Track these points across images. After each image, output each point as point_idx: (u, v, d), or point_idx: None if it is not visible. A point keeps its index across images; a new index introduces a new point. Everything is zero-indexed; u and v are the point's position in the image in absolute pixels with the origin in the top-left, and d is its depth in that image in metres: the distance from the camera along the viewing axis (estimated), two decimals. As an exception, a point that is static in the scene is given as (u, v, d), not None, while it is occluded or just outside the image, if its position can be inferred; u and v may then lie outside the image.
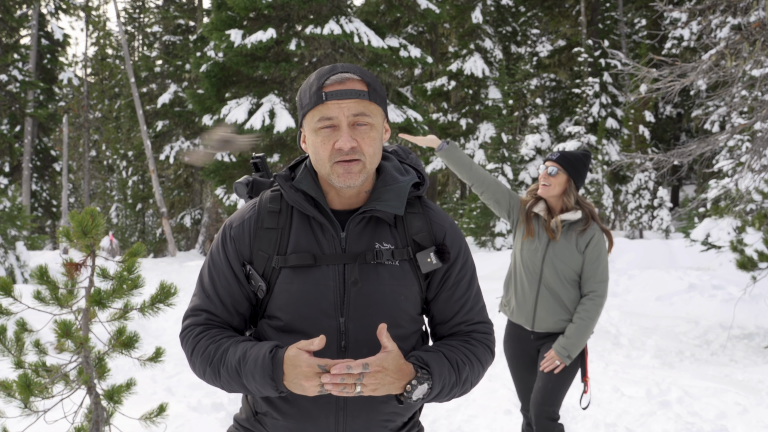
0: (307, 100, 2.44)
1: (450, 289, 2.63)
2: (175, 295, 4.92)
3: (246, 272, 2.55)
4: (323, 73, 2.44)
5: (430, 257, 2.55)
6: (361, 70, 2.47)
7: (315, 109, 2.42)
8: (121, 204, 56.86)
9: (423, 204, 2.68)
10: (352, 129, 2.40)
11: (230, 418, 7.36)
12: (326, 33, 25.87)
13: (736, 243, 11.95)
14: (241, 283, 2.56)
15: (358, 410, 2.50)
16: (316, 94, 2.41)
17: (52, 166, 45.10)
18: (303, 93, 2.49)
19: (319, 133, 2.42)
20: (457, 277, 2.64)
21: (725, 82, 11.98)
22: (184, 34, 49.95)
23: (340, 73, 2.43)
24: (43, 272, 4.69)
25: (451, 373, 2.47)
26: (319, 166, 2.46)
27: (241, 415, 2.73)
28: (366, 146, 2.41)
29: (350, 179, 2.41)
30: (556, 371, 5.25)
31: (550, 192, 5.36)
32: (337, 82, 2.41)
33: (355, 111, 2.39)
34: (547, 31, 48.66)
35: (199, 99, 30.82)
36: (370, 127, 2.43)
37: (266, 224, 2.56)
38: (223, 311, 2.56)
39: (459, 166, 5.52)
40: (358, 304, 2.47)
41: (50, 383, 4.84)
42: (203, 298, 2.60)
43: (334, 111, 2.38)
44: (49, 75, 46.11)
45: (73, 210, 5.43)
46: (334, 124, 2.40)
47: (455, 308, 2.64)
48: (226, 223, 2.65)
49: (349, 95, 2.39)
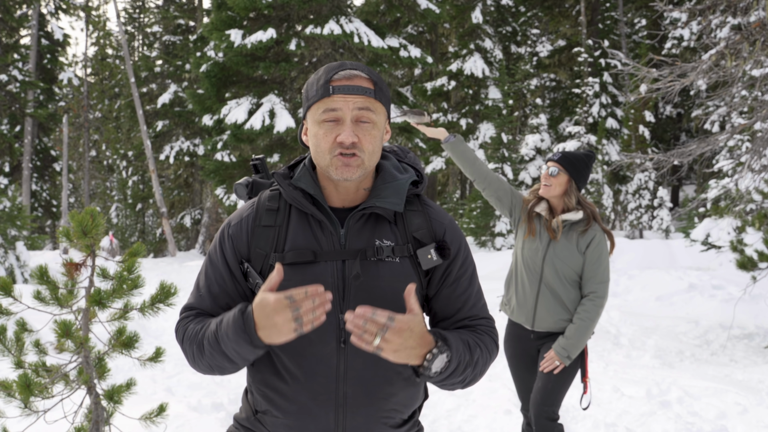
0: (314, 93, 2.47)
1: (451, 285, 2.63)
2: (175, 295, 4.92)
3: (244, 270, 2.56)
4: (332, 68, 2.47)
5: (431, 254, 2.55)
6: (368, 70, 2.51)
7: (321, 101, 2.44)
8: (121, 204, 56.86)
9: (422, 202, 2.70)
10: (355, 125, 2.43)
11: (230, 418, 7.36)
12: (326, 33, 25.88)
13: (736, 243, 11.95)
14: (238, 281, 2.57)
15: (358, 407, 2.50)
16: (323, 87, 2.44)
17: (52, 166, 45.07)
18: (310, 86, 2.51)
19: (323, 126, 2.44)
20: (458, 274, 2.65)
21: (725, 82, 11.98)
22: (184, 34, 49.94)
23: (348, 69, 2.46)
24: (43, 272, 4.69)
25: (466, 350, 2.46)
26: (319, 157, 2.48)
27: (241, 414, 2.73)
28: (366, 143, 2.44)
29: (348, 172, 2.43)
30: (556, 372, 5.25)
31: (551, 192, 5.36)
32: (344, 78, 2.45)
33: (360, 107, 2.42)
34: (547, 31, 48.68)
35: (199, 99, 30.83)
36: (373, 125, 2.46)
37: (264, 222, 2.57)
38: (214, 308, 2.57)
39: (463, 160, 5.52)
40: (359, 301, 2.47)
41: (50, 383, 4.83)
42: (196, 297, 2.62)
43: (339, 105, 2.42)
44: (49, 75, 46.09)
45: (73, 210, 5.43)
46: (338, 117, 2.43)
47: (458, 304, 2.64)
48: (225, 222, 2.67)
49: (356, 91, 2.43)
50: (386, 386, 2.53)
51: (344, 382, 2.48)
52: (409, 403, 2.63)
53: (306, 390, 2.49)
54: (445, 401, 8.30)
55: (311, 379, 2.48)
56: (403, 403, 2.60)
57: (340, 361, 2.47)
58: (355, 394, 2.49)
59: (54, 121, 42.54)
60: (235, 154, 30.46)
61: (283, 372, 2.51)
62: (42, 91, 42.30)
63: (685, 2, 22.26)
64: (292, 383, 2.50)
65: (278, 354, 2.51)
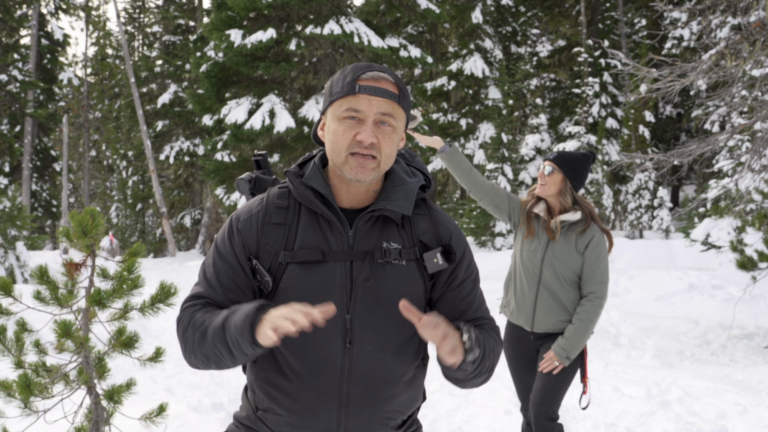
0: (339, 89, 2.48)
1: (456, 288, 2.66)
2: (175, 295, 4.93)
3: (252, 266, 2.57)
4: (360, 68, 2.49)
5: (437, 257, 2.58)
6: (395, 75, 2.53)
7: (345, 98, 2.46)
8: (121, 204, 56.85)
9: (428, 206, 2.73)
10: (375, 126, 2.45)
11: (230, 417, 7.36)
12: (326, 33, 25.88)
13: (736, 243, 11.95)
14: (247, 275, 2.57)
15: (361, 407, 2.52)
16: (350, 84, 2.45)
17: (52, 166, 45.07)
18: (335, 82, 2.53)
19: (343, 122, 2.46)
20: (463, 277, 2.68)
21: (725, 82, 11.99)
22: (184, 34, 49.92)
23: (376, 71, 2.48)
24: (43, 272, 4.69)
25: (480, 336, 2.53)
26: (335, 154, 2.50)
27: (241, 412, 2.74)
28: (385, 146, 2.47)
29: (362, 173, 2.45)
30: (555, 372, 5.25)
31: (546, 191, 5.36)
32: (372, 79, 2.47)
33: (384, 110, 2.45)
34: (547, 31, 48.65)
35: (199, 99, 30.85)
36: (393, 129, 2.49)
37: (274, 219, 2.58)
38: (225, 300, 2.56)
39: (458, 170, 5.53)
40: (365, 302, 2.50)
41: (50, 383, 4.84)
42: (205, 287, 2.60)
43: (363, 105, 2.44)
44: (49, 75, 46.07)
45: (73, 210, 5.44)
46: (360, 117, 2.45)
47: (462, 307, 2.68)
48: (233, 216, 2.67)
49: (382, 93, 2.45)
50: (389, 388, 2.56)
51: (348, 382, 2.50)
52: (409, 404, 2.66)
53: (310, 389, 2.50)
54: (445, 401, 8.30)
55: (315, 378, 2.50)
56: (404, 405, 2.63)
57: (344, 361, 2.49)
58: (359, 395, 2.51)
59: (54, 121, 42.55)
60: (235, 154, 30.47)
61: (287, 370, 2.52)
62: (42, 91, 42.29)
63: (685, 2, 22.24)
64: (296, 381, 2.51)
65: (283, 352, 2.52)
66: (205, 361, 2.49)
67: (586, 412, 7.63)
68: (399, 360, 2.56)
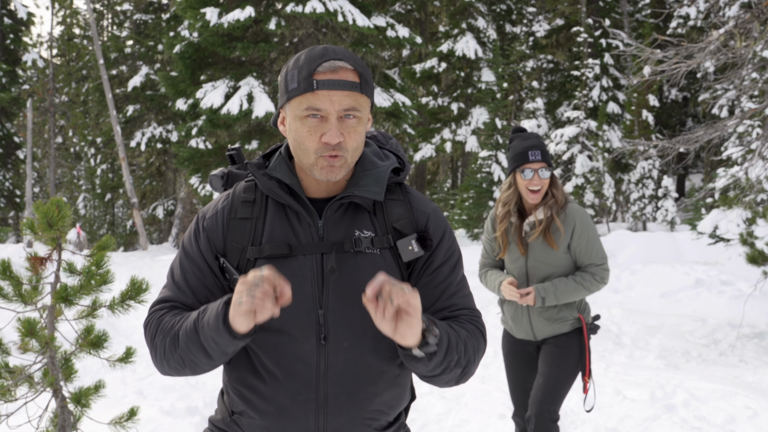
0: (295, 85, 2.45)
1: (432, 273, 2.64)
2: (147, 292, 4.93)
3: (220, 265, 2.58)
4: (314, 58, 2.45)
5: (412, 245, 2.58)
6: (353, 58, 2.49)
7: (303, 96, 2.43)
8: (89, 194, 56.79)
9: (404, 190, 2.72)
10: (339, 121, 2.43)
11: (205, 422, 7.35)
12: (308, 11, 25.77)
13: (746, 235, 11.96)
14: (215, 275, 2.58)
15: (340, 407, 2.52)
16: (306, 80, 2.42)
17: (15, 153, 45.01)
18: (290, 75, 2.49)
19: (305, 122, 2.44)
20: (441, 261, 2.66)
21: (734, 63, 12.01)
22: (156, 13, 49.72)
23: (332, 59, 2.44)
24: (5, 267, 4.68)
25: (450, 329, 2.47)
26: (302, 155, 2.49)
27: (216, 416, 2.74)
28: (351, 141, 2.45)
29: (332, 173, 2.46)
30: (521, 302, 5.30)
31: (540, 196, 5.35)
32: (329, 71, 2.43)
33: (346, 105, 2.43)
34: (544, 10, 48.63)
35: (172, 82, 30.75)
36: (358, 121, 2.47)
37: (240, 214, 2.60)
38: (194, 302, 2.57)
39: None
40: (338, 295, 2.50)
41: (13, 385, 4.82)
42: (173, 290, 2.61)
43: (324, 102, 2.41)
44: (12, 56, 45.95)
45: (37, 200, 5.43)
46: (322, 115, 2.42)
47: (436, 293, 2.64)
48: (199, 214, 2.69)
49: (341, 86, 2.42)
50: (370, 386, 2.55)
51: (325, 382, 2.50)
52: (394, 404, 2.65)
53: (285, 390, 2.50)
54: (435, 405, 8.31)
55: (290, 378, 2.50)
56: (387, 404, 2.62)
57: (320, 359, 2.49)
58: (337, 395, 2.51)
59: (17, 105, 42.56)
60: (210, 140, 30.44)
61: (261, 370, 2.53)
62: (4, 73, 42.20)
63: (692, -21, 22.28)
64: (270, 382, 2.52)
65: (256, 351, 2.53)
66: (178, 368, 2.49)
67: (585, 417, 7.65)
68: (379, 356, 2.55)
